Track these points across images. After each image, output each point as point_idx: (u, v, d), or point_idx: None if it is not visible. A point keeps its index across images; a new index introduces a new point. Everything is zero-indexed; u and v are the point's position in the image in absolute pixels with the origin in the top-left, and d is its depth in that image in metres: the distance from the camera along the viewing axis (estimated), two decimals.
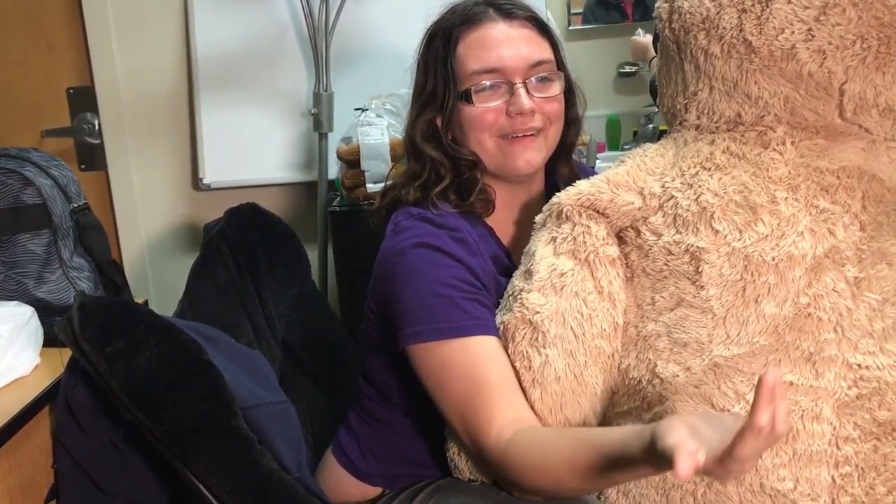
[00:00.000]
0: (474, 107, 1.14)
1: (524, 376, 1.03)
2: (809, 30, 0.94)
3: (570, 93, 1.21)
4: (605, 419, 1.07)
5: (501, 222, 1.22)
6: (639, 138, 2.94)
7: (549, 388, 1.02)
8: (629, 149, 3.05)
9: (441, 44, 1.16)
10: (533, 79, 1.13)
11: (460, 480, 1.12)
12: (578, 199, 1.06)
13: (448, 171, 1.17)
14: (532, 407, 1.03)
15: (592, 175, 1.37)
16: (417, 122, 1.18)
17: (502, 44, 1.13)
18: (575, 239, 1.05)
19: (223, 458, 0.96)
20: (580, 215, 1.06)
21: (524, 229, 1.23)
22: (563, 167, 1.27)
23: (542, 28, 1.18)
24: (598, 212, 1.07)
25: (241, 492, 0.97)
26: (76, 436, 1.04)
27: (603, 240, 1.05)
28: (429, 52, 1.18)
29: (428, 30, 1.20)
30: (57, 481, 1.07)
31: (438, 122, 1.18)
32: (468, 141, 1.16)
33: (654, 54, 2.31)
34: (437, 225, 1.11)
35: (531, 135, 1.14)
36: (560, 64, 1.19)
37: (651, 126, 2.88)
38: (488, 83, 1.13)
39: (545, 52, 1.16)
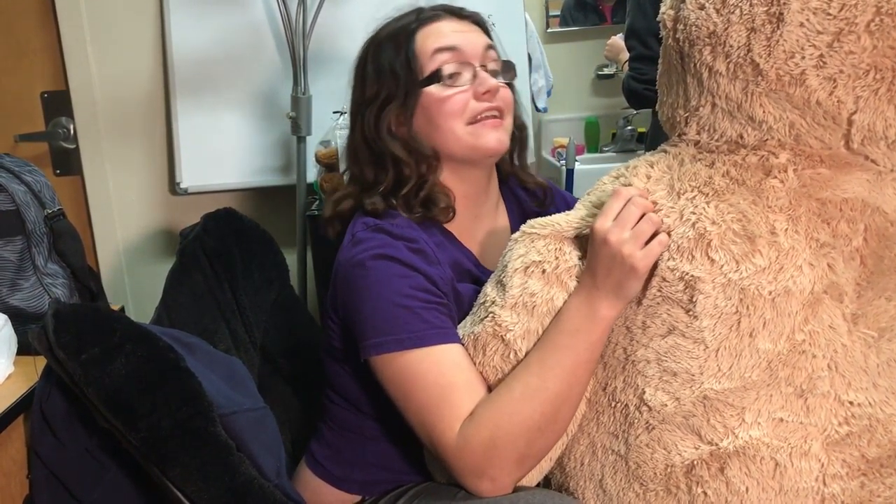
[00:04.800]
0: (444, 88, 1.16)
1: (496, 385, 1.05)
2: (821, 56, 0.89)
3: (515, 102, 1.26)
4: (590, 439, 1.07)
5: (462, 223, 1.23)
6: (617, 140, 2.95)
7: None
8: (608, 151, 3.11)
9: (399, 41, 1.20)
10: (487, 65, 1.19)
11: (441, 485, 1.12)
12: (554, 230, 1.06)
13: (413, 171, 1.18)
14: None
15: (551, 186, 1.40)
16: (380, 123, 1.20)
17: (458, 33, 1.20)
18: (546, 258, 1.05)
19: (201, 465, 0.96)
20: (553, 237, 1.06)
21: (486, 227, 1.27)
22: (510, 164, 1.32)
23: (487, 32, 1.26)
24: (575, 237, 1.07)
25: (219, 499, 0.96)
26: (51, 445, 1.02)
27: (578, 259, 1.05)
28: (380, 56, 1.21)
29: (372, 40, 1.24)
30: (32, 492, 1.06)
31: (398, 120, 1.20)
32: (436, 130, 1.18)
33: (627, 58, 2.33)
34: (394, 236, 1.12)
35: (497, 116, 1.18)
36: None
37: (629, 128, 2.90)
38: (453, 67, 1.17)
39: (490, 42, 1.23)
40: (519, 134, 1.29)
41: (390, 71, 1.19)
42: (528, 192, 1.36)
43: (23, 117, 2.19)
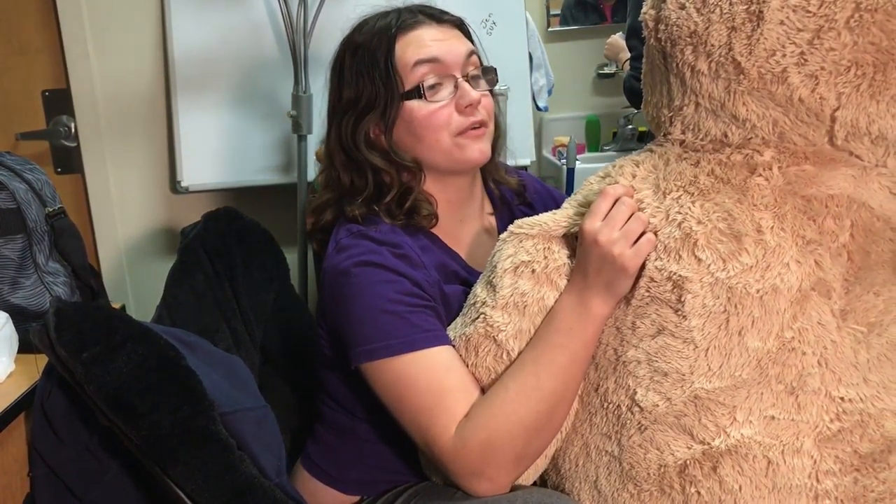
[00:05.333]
0: (427, 103, 1.15)
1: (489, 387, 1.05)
2: (802, 53, 0.89)
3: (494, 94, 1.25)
4: (584, 440, 1.07)
5: (447, 226, 1.23)
6: (618, 139, 2.95)
7: None
8: (609, 150, 3.12)
9: (378, 48, 1.17)
10: (469, 74, 1.18)
11: (438, 485, 1.13)
12: (542, 230, 1.06)
13: (394, 180, 1.18)
14: None
15: (527, 177, 1.40)
16: (358, 131, 1.18)
17: (439, 42, 1.17)
18: (535, 258, 1.05)
19: (202, 463, 0.96)
20: (541, 236, 1.06)
21: (472, 229, 1.27)
22: (492, 163, 1.30)
23: (467, 33, 1.24)
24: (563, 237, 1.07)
25: (219, 497, 0.96)
26: (52, 443, 1.03)
27: (567, 257, 1.05)
28: (357, 61, 1.19)
29: (348, 41, 1.22)
30: (32, 490, 1.06)
31: (377, 129, 1.19)
32: (418, 142, 1.17)
33: (627, 56, 2.33)
34: (377, 242, 1.12)
35: (478, 127, 1.17)
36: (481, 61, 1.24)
37: (630, 127, 2.90)
38: (434, 79, 1.15)
39: (472, 47, 1.21)
40: (496, 135, 1.27)
41: (369, 80, 1.17)
42: (512, 189, 1.36)
43: (24, 116, 2.19)
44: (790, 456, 0.94)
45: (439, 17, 1.21)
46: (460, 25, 1.24)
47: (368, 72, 1.17)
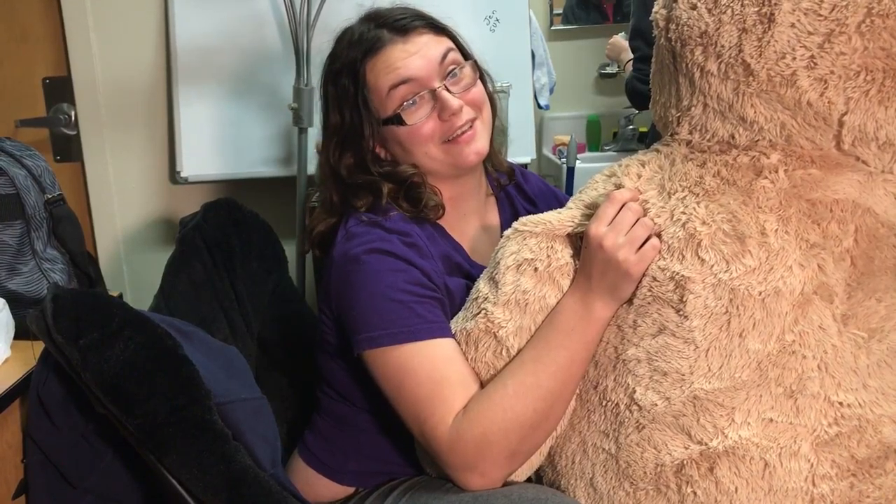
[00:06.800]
0: (407, 126, 1.15)
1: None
2: (812, 57, 0.89)
3: (481, 76, 1.23)
4: (581, 437, 1.07)
5: (451, 218, 1.23)
6: (618, 139, 2.96)
7: None
8: (610, 150, 3.12)
9: (349, 80, 1.17)
10: (448, 78, 1.16)
11: (434, 479, 1.13)
12: (546, 228, 1.06)
13: (392, 185, 1.18)
14: None
15: (531, 176, 1.40)
16: (342, 159, 1.20)
17: (407, 58, 1.15)
18: (538, 256, 1.05)
19: (197, 453, 0.96)
20: (545, 235, 1.06)
21: (476, 222, 1.27)
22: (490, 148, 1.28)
23: (437, 27, 1.20)
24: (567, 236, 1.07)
25: (214, 487, 0.96)
26: (47, 430, 1.02)
27: (570, 257, 1.05)
28: (336, 87, 1.20)
29: (329, 64, 1.23)
30: (27, 476, 1.06)
31: (368, 149, 1.20)
32: (412, 156, 1.18)
33: (629, 57, 2.33)
34: (387, 230, 1.12)
35: (469, 128, 1.16)
36: (462, 50, 1.22)
37: (630, 127, 2.90)
38: (412, 99, 1.14)
39: (446, 45, 1.18)
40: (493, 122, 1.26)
41: (350, 110, 1.18)
42: (505, 175, 1.36)
43: (24, 103, 2.18)
44: (787, 459, 0.94)
45: (404, 29, 1.16)
46: (429, 25, 1.19)
47: (347, 102, 1.18)
